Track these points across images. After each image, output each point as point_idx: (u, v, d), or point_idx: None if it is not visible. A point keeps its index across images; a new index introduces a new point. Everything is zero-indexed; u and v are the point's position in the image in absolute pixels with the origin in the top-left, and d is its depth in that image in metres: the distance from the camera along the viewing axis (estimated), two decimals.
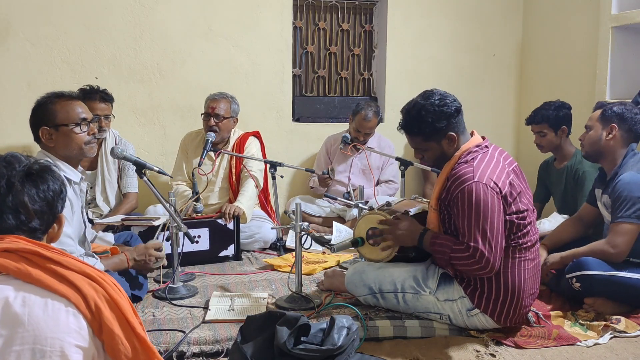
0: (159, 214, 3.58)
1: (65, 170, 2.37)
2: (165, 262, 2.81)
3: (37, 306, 1.27)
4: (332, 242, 2.99)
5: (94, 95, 3.50)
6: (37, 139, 2.43)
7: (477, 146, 2.45)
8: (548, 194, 3.83)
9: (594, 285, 2.64)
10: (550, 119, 3.53)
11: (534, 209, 2.50)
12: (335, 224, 3.78)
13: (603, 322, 2.57)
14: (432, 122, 2.39)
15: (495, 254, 2.29)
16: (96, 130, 2.51)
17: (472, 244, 2.28)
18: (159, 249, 2.72)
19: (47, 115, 2.37)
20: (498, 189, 2.32)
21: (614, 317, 2.61)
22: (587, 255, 2.72)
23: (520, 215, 2.39)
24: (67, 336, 1.27)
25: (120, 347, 1.33)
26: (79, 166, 2.54)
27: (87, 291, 1.32)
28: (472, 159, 2.39)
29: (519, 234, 2.39)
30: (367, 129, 4.13)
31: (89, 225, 2.62)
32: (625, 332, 2.53)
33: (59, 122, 2.37)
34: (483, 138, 2.53)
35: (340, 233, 3.64)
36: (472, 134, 2.53)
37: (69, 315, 1.29)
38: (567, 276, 2.72)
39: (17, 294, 1.28)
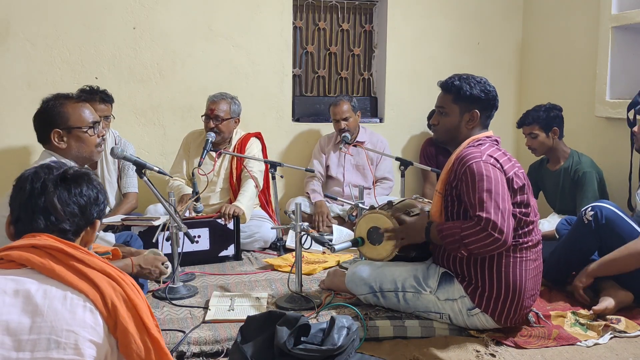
0: (159, 213, 3.58)
1: None
2: (167, 272, 2.77)
3: (56, 299, 1.33)
4: (332, 243, 3.00)
5: (93, 96, 3.50)
6: (43, 139, 2.43)
7: (488, 137, 2.51)
8: (536, 193, 3.83)
9: (604, 218, 2.75)
10: (540, 119, 3.54)
11: (537, 213, 2.51)
12: (334, 226, 3.78)
13: (603, 322, 2.57)
14: (470, 88, 2.51)
15: (508, 225, 2.27)
16: (104, 132, 2.54)
17: (484, 215, 2.25)
18: (165, 265, 2.71)
19: (59, 117, 2.39)
20: (503, 170, 2.37)
21: (614, 317, 2.61)
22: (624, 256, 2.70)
23: (524, 210, 2.40)
24: (82, 330, 1.32)
25: (133, 346, 1.38)
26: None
27: (105, 289, 1.37)
28: (480, 145, 2.46)
29: (520, 231, 2.40)
30: (339, 113, 4.16)
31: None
32: (625, 332, 2.53)
33: (71, 125, 2.39)
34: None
35: (341, 235, 3.64)
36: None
37: (86, 310, 1.34)
38: (583, 209, 2.86)
39: (40, 286, 1.34)
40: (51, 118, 2.39)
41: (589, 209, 2.83)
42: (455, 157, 2.45)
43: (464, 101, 2.51)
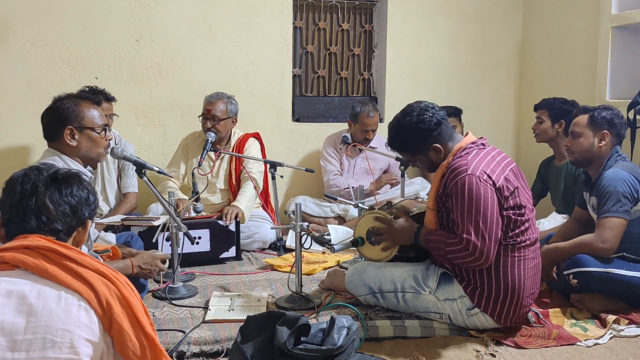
0: (161, 212, 3.58)
1: (78, 168, 2.39)
2: (165, 268, 2.77)
3: (51, 299, 1.33)
4: (332, 243, 2.99)
5: (97, 96, 3.49)
6: (52, 136, 2.45)
7: (472, 143, 2.48)
8: (545, 189, 3.85)
9: (591, 281, 2.64)
10: (552, 108, 3.59)
11: (533, 209, 2.50)
12: (329, 225, 3.76)
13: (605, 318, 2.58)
14: (410, 139, 2.49)
15: (489, 245, 2.30)
16: (111, 137, 2.60)
17: (465, 235, 2.31)
18: (164, 262, 2.71)
19: (73, 115, 2.43)
20: (491, 182, 2.35)
21: (602, 314, 2.63)
22: (573, 250, 2.73)
23: (518, 211, 2.39)
24: (78, 329, 1.32)
25: (128, 344, 1.38)
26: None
27: (99, 288, 1.38)
28: (467, 154, 2.43)
29: (517, 230, 2.40)
30: (373, 125, 4.14)
31: (92, 224, 2.62)
32: (617, 325, 2.55)
33: (85, 125, 2.44)
34: (481, 138, 2.55)
35: (337, 234, 3.64)
36: (466, 135, 2.55)
37: (80, 309, 1.34)
38: (564, 273, 2.72)
39: (34, 287, 1.34)
40: (65, 116, 2.42)
41: (571, 276, 2.68)
42: (444, 171, 2.44)
43: (418, 149, 2.51)
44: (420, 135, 2.46)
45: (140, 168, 2.71)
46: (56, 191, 1.48)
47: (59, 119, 2.43)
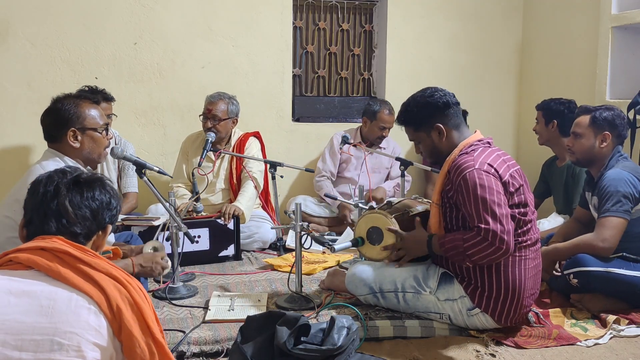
0: (160, 213, 3.58)
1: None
2: (169, 266, 2.76)
3: (61, 301, 1.33)
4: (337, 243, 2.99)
5: (95, 96, 3.49)
6: (53, 138, 2.44)
7: (479, 141, 2.48)
8: (547, 190, 3.84)
9: (591, 281, 2.64)
10: (545, 108, 3.61)
11: (534, 210, 2.51)
12: (348, 229, 3.77)
13: (604, 318, 2.58)
14: (417, 112, 2.51)
15: (508, 231, 2.28)
16: (112, 136, 2.60)
17: (482, 225, 2.27)
18: (165, 260, 2.71)
19: (75, 117, 2.42)
20: (498, 175, 2.35)
21: (602, 314, 2.63)
22: (572, 249, 2.74)
23: (522, 210, 2.40)
24: (86, 332, 1.32)
25: (137, 350, 1.38)
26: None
27: (110, 292, 1.37)
28: (472, 150, 2.43)
29: (519, 231, 2.40)
30: (391, 122, 4.17)
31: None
32: (617, 325, 2.55)
33: (87, 126, 2.43)
34: (487, 137, 2.56)
35: (348, 238, 3.63)
36: (475, 133, 2.55)
37: (90, 313, 1.34)
38: (565, 272, 2.73)
39: (45, 288, 1.35)
40: (67, 118, 2.41)
41: (571, 275, 2.69)
42: (450, 166, 2.44)
43: (421, 125, 2.51)
44: (427, 110, 2.49)
45: (140, 168, 2.71)
46: (77, 194, 1.49)
47: (61, 121, 2.41)
